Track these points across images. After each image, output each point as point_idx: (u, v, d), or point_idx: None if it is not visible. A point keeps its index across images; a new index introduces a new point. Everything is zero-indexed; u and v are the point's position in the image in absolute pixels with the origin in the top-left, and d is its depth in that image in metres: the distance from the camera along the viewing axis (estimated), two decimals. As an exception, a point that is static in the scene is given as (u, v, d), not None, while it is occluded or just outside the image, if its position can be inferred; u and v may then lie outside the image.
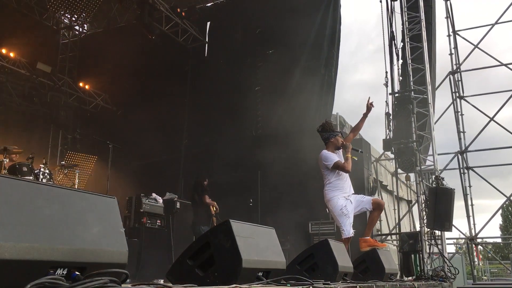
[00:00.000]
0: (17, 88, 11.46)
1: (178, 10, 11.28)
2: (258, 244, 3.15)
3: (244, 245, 2.88)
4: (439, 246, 8.44)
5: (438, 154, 9.70)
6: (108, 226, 2.06)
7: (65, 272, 1.80)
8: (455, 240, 15.07)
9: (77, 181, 8.27)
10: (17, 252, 1.60)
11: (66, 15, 12.02)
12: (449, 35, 12.56)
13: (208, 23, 12.37)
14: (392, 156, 10.58)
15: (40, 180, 6.77)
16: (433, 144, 9.22)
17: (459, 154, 11.73)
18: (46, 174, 6.99)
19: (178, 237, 8.70)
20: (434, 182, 8.38)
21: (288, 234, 9.23)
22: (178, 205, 8.99)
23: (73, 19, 12.06)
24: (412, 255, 7.81)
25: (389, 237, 11.48)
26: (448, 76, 12.32)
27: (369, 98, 6.11)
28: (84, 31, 13.86)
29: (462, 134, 11.94)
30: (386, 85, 9.60)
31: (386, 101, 9.51)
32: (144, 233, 8.34)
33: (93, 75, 12.72)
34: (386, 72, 9.63)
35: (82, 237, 1.88)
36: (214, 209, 8.13)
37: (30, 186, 1.80)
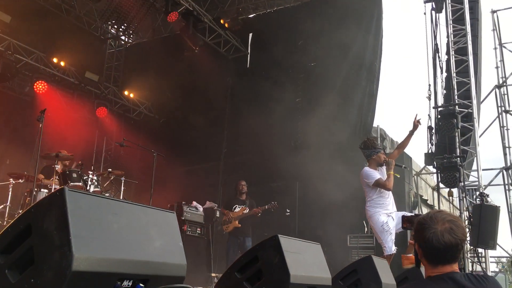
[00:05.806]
0: (66, 96, 11.90)
1: (222, 21, 11.45)
2: (305, 259, 3.19)
3: (292, 260, 2.93)
4: (482, 264, 8.24)
5: (483, 170, 9.47)
6: (169, 239, 2.16)
7: (130, 284, 1.90)
8: (496, 258, 14.62)
9: (122, 188, 8.51)
10: (90, 264, 1.71)
11: (114, 25, 12.42)
12: (495, 48, 12.28)
13: (250, 34, 12.50)
14: (433, 170, 10.38)
15: (88, 186, 7.03)
16: (478, 160, 9.01)
17: (504, 170, 11.40)
18: (94, 181, 7.26)
19: (217, 245, 8.81)
20: (479, 199, 8.20)
21: (325, 247, 9.16)
22: (217, 214, 9.12)
23: (120, 29, 12.43)
24: (454, 273, 7.64)
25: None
26: (494, 90, 12.03)
27: (416, 115, 6.06)
28: (130, 41, 14.27)
29: (507, 149, 11.62)
30: (429, 98, 9.46)
31: (428, 115, 9.38)
32: (185, 240, 8.47)
33: (137, 84, 13.05)
34: (429, 85, 9.50)
35: (146, 250, 1.98)
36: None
37: (101, 201, 1.91)
